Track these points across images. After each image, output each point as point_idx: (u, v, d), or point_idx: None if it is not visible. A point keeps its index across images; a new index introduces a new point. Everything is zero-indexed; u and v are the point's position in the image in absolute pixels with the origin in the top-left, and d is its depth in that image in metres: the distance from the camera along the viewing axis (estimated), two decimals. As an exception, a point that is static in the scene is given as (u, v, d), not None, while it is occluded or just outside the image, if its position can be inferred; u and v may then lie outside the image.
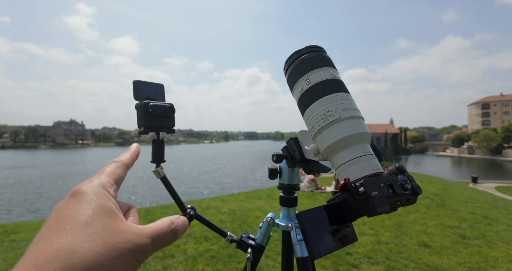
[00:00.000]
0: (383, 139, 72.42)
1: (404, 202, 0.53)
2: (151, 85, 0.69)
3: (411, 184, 0.55)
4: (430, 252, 3.69)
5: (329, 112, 0.58)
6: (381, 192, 0.49)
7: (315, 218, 0.49)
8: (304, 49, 0.65)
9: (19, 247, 3.83)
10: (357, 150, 0.57)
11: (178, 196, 0.70)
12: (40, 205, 14.53)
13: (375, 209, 0.47)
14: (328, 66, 0.63)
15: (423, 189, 5.47)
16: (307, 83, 0.62)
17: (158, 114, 0.66)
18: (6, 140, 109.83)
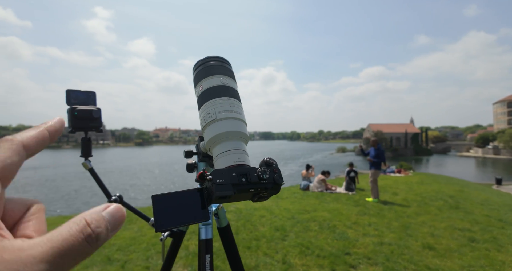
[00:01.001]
0: (403, 139, 70.54)
1: (260, 190, 0.61)
2: (83, 93, 0.83)
3: (272, 175, 0.62)
4: (433, 255, 3.64)
5: (209, 114, 0.69)
6: (228, 180, 0.57)
7: (167, 199, 0.58)
8: (206, 58, 0.76)
9: (34, 241, 4.07)
10: (227, 145, 0.66)
11: (103, 184, 0.84)
12: (61, 203, 15.17)
13: (216, 192, 0.56)
14: (220, 74, 0.73)
15: (438, 190, 5.41)
16: (200, 88, 0.73)
17: (83, 116, 0.79)
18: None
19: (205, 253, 0.75)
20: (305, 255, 3.44)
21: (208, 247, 0.78)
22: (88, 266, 3.10)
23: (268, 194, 0.63)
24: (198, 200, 0.60)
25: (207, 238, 0.80)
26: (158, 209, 0.56)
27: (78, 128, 0.83)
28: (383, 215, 5.50)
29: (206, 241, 0.79)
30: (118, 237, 4.03)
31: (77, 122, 0.82)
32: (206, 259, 0.74)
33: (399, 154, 63.15)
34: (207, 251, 0.77)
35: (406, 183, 10.34)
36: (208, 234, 0.80)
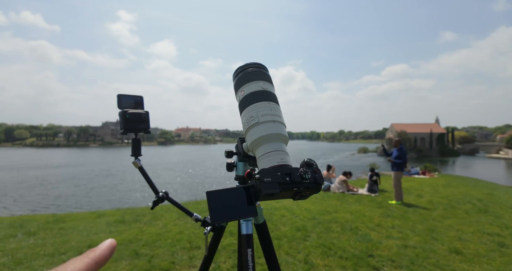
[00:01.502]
0: (428, 140, 68.14)
1: (303, 189, 0.67)
2: (132, 97, 0.91)
3: (313, 175, 0.68)
4: (461, 259, 3.54)
5: (251, 117, 0.76)
6: (274, 179, 0.64)
7: (221, 196, 0.64)
8: (245, 65, 0.84)
9: (66, 234, 4.29)
10: (270, 146, 0.73)
11: (152, 182, 0.91)
12: (87, 199, 15.81)
13: (264, 190, 0.62)
14: (260, 80, 0.81)
15: (466, 193, 5.27)
16: (242, 94, 0.80)
17: (134, 119, 0.87)
18: (60, 139, 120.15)
19: (247, 247, 0.80)
20: (327, 255, 3.45)
21: (249, 242, 0.83)
22: (117, 260, 3.25)
23: (309, 193, 0.68)
24: (246, 196, 0.66)
25: (248, 233, 0.85)
26: (212, 204, 0.62)
27: (129, 130, 0.92)
28: (407, 218, 5.38)
29: (247, 236, 0.84)
30: (145, 232, 4.18)
31: (128, 125, 0.91)
32: (248, 252, 0.79)
33: (424, 155, 61.08)
34: (249, 245, 0.82)
35: (432, 185, 10.04)
36: (249, 229, 0.85)
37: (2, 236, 4.30)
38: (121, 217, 5.16)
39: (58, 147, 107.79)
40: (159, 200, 0.95)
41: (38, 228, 4.64)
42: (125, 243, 3.75)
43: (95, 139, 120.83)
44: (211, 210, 0.62)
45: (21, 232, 4.44)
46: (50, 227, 4.71)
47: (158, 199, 0.95)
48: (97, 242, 3.77)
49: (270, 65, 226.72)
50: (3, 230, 4.68)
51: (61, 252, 3.51)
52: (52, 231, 4.46)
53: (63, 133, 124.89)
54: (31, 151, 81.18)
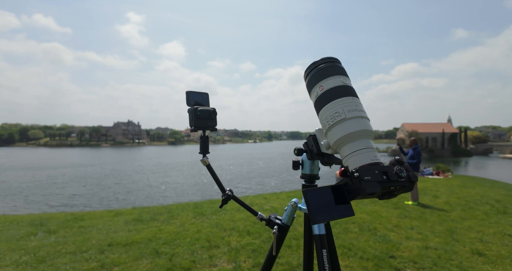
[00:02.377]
0: (440, 139, 66.94)
1: (399, 188, 0.65)
2: (199, 94, 0.91)
3: (407, 173, 0.66)
4: (484, 261, 3.46)
5: (336, 113, 0.72)
6: (374, 177, 0.62)
7: (318, 195, 0.63)
8: (320, 60, 0.80)
9: (86, 232, 4.36)
10: (359, 144, 0.70)
11: (219, 180, 0.90)
12: (104, 197, 16.05)
13: (366, 189, 0.60)
14: (340, 75, 0.77)
15: (483, 194, 5.16)
16: (321, 89, 0.76)
17: (204, 116, 0.88)
18: (73, 139, 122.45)
19: (321, 248, 0.78)
20: (347, 256, 3.41)
21: (323, 242, 0.80)
22: (138, 258, 3.29)
23: (401, 191, 0.67)
24: (342, 195, 0.65)
25: (320, 233, 0.83)
26: (312, 204, 0.61)
27: (199, 127, 0.90)
28: (425, 219, 5.29)
29: (320, 236, 0.82)
30: (163, 231, 4.21)
31: (199, 122, 0.89)
32: (323, 253, 0.77)
33: (436, 155, 60.06)
34: (323, 246, 0.79)
35: (447, 186, 9.86)
36: (321, 230, 0.83)
37: (23, 234, 4.40)
38: (138, 215, 5.21)
39: (71, 146, 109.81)
40: (227, 198, 0.94)
41: (58, 226, 4.72)
42: (145, 242, 3.78)
43: (107, 139, 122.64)
44: (312, 210, 0.61)
45: (41, 230, 4.53)
46: (70, 225, 4.79)
47: (227, 197, 0.94)
48: (117, 241, 3.82)
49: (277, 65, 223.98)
50: (24, 228, 4.78)
51: (82, 250, 3.56)
52: (72, 229, 4.54)
53: (76, 134, 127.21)
54: (45, 151, 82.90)
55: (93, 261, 3.23)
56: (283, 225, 0.98)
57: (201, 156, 0.93)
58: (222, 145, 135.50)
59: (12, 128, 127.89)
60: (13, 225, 5.03)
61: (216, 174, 0.95)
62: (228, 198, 0.94)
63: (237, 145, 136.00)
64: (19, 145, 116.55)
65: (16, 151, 79.42)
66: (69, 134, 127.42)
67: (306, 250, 0.94)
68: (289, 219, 1.00)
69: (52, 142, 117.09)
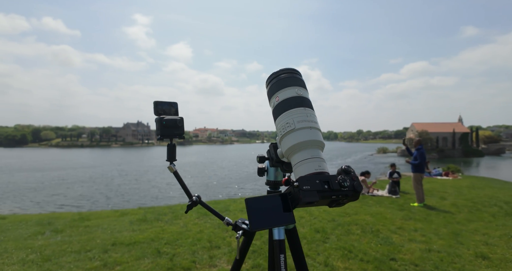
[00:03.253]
0: (451, 139, 65.81)
1: (342, 197, 0.67)
2: (167, 103, 0.96)
3: (352, 182, 0.68)
4: (487, 265, 3.41)
5: (287, 123, 0.76)
6: (313, 187, 0.64)
7: (259, 203, 0.64)
8: (280, 71, 0.84)
9: (91, 231, 4.45)
10: (306, 153, 0.73)
11: (186, 186, 0.94)
12: (111, 197, 16.28)
13: (303, 198, 0.63)
14: (295, 86, 0.80)
15: (492, 196, 5.08)
16: (277, 99, 0.80)
17: (170, 125, 0.92)
18: (84, 140, 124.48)
19: (279, 253, 0.81)
20: (347, 258, 3.41)
21: (282, 247, 0.83)
22: (140, 258, 3.34)
23: (346, 200, 0.69)
24: (284, 203, 0.67)
25: (280, 238, 0.85)
26: (251, 211, 0.64)
27: (165, 136, 0.95)
28: (430, 221, 5.24)
29: (280, 241, 0.84)
30: (166, 231, 4.27)
31: (165, 131, 0.94)
32: (280, 258, 0.79)
33: (446, 156, 59.08)
34: (281, 251, 0.82)
35: (455, 187, 9.71)
36: (281, 235, 0.86)
37: (31, 233, 4.50)
38: (143, 215, 5.29)
39: (82, 147, 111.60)
40: (192, 204, 0.97)
41: (64, 226, 4.83)
42: (148, 242, 3.84)
43: (117, 139, 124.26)
44: (251, 217, 0.63)
45: (48, 230, 4.64)
46: (76, 224, 4.89)
47: (192, 203, 0.97)
48: (120, 240, 3.89)
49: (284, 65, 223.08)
50: (32, 227, 4.90)
51: (86, 249, 3.63)
52: (78, 229, 4.63)
53: (86, 134, 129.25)
54: (57, 151, 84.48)
55: (96, 260, 3.30)
56: (249, 230, 1.00)
57: (168, 163, 0.97)
58: (230, 145, 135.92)
59: (25, 130, 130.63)
60: (22, 224, 5.15)
61: (183, 181, 0.98)
62: (194, 204, 0.97)
63: (245, 145, 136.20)
64: (32, 145, 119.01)
65: (28, 152, 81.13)
66: (80, 135, 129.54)
67: (270, 255, 0.97)
68: None
69: (64, 143, 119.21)
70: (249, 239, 0.99)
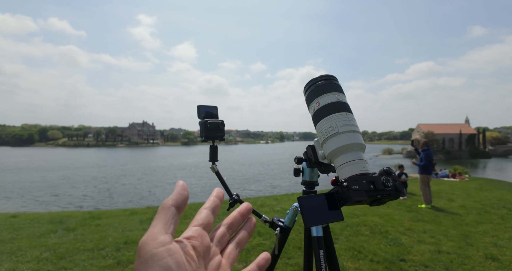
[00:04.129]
0: (457, 141, 65.24)
1: (385, 196, 0.72)
2: (209, 107, 1.00)
3: (394, 183, 0.73)
4: (497, 266, 3.41)
5: (330, 127, 0.80)
6: (361, 186, 0.69)
7: (311, 201, 0.70)
8: (318, 78, 0.89)
9: (103, 230, 4.52)
10: (350, 156, 0.77)
11: (227, 185, 0.99)
12: (120, 197, 16.43)
13: (353, 197, 0.67)
14: (335, 92, 0.85)
15: (500, 198, 5.06)
16: (317, 105, 0.85)
17: (213, 128, 0.98)
18: (90, 139, 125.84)
19: (319, 249, 0.85)
20: (357, 259, 3.43)
21: (320, 243, 0.88)
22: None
23: (388, 199, 0.74)
24: (333, 202, 0.71)
25: (318, 235, 0.90)
26: (305, 209, 0.68)
27: (208, 138, 1.00)
28: (439, 222, 5.23)
29: (318, 238, 0.89)
30: (177, 230, 4.31)
31: (208, 133, 0.99)
32: (320, 254, 0.84)
33: (453, 157, 58.55)
34: (320, 246, 0.87)
35: (463, 189, 9.66)
36: (319, 232, 0.90)
37: (44, 231, 4.59)
38: (152, 215, 5.35)
39: (88, 146, 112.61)
40: (234, 202, 1.02)
41: (76, 224, 4.91)
42: (159, 241, 3.89)
43: (122, 139, 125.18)
44: (305, 214, 0.68)
45: (61, 228, 4.72)
46: (88, 223, 4.97)
47: (234, 201, 1.02)
48: (132, 239, 3.95)
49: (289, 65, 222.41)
50: (44, 225, 4.98)
51: (100, 248, 3.70)
52: (89, 227, 4.71)
53: (92, 134, 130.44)
54: (63, 151, 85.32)
55: (110, 258, 3.36)
56: (285, 227, 1.04)
57: (211, 164, 1.01)
58: (235, 145, 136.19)
59: (32, 129, 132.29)
60: (34, 222, 5.24)
61: (224, 180, 1.03)
62: (235, 202, 1.02)
63: (249, 145, 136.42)
64: (38, 145, 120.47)
65: (35, 151, 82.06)
66: (86, 135, 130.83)
67: (306, 251, 1.01)
68: (290, 222, 1.07)
69: (70, 142, 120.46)
70: (285, 236, 1.04)
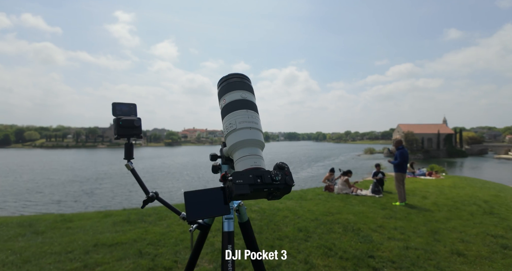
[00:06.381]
0: (435, 140, 67.37)
1: (273, 190, 0.76)
2: (126, 105, 0.99)
3: (284, 177, 0.77)
4: (462, 261, 3.54)
5: (230, 124, 0.85)
6: (246, 180, 0.72)
7: (197, 196, 0.71)
8: (229, 75, 0.93)
9: (73, 233, 4.39)
10: (245, 151, 0.82)
11: (143, 182, 1.00)
12: (97, 199, 16.06)
13: (235, 191, 0.70)
14: (241, 90, 0.89)
15: (472, 195, 5.25)
16: (224, 102, 0.89)
17: (127, 125, 0.96)
18: (69, 140, 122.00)
19: (228, 243, 0.88)
20: (327, 256, 3.48)
21: (231, 238, 0.90)
22: (121, 259, 3.33)
23: (280, 193, 0.77)
24: (221, 197, 0.74)
25: (229, 230, 0.92)
26: (189, 203, 0.71)
27: (122, 135, 1.02)
28: (410, 219, 5.38)
29: (229, 233, 0.91)
30: (149, 232, 4.26)
31: (122, 130, 1.01)
32: (228, 248, 0.86)
33: (431, 156, 60.44)
34: (230, 241, 0.89)
35: (437, 187, 9.97)
36: (230, 227, 0.93)
37: (12, 235, 4.42)
38: (127, 216, 5.25)
39: (67, 147, 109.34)
40: (149, 200, 1.02)
41: (46, 227, 4.75)
42: (130, 242, 3.83)
43: (103, 140, 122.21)
44: (187, 208, 0.70)
45: (29, 231, 4.56)
46: (58, 226, 4.83)
47: (148, 198, 1.02)
48: (102, 241, 3.86)
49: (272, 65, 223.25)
50: (13, 229, 4.80)
51: (67, 251, 3.60)
52: (59, 230, 4.57)
53: (72, 135, 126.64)
54: (41, 152, 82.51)
55: (77, 261, 3.28)
56: (203, 224, 1.05)
57: (125, 161, 1.01)
58: (219, 146, 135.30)
59: (8, 130, 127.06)
60: (2, 226, 5.04)
61: (140, 178, 1.03)
62: (150, 199, 1.03)
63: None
64: (15, 146, 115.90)
65: (11, 153, 78.97)
66: (65, 136, 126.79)
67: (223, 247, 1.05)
68: (210, 219, 1.09)
69: (48, 143, 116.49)
70: (204, 233, 1.04)
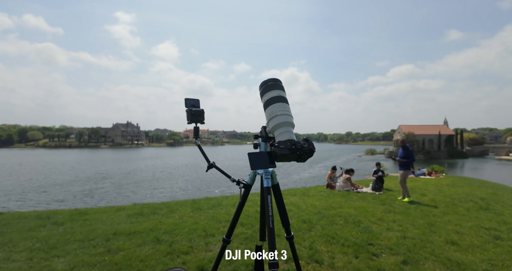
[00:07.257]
0: (436, 141, 67.60)
1: (302, 153, 1.13)
2: (193, 100, 1.38)
3: (309, 146, 1.15)
4: (455, 249, 3.81)
5: (272, 112, 1.26)
6: (286, 146, 1.10)
7: (256, 155, 1.07)
8: (268, 80, 1.34)
9: (91, 224, 4.69)
10: (283, 129, 1.21)
11: (205, 154, 1.36)
12: (106, 197, 16.40)
13: (279, 152, 1.08)
14: (277, 89, 1.31)
15: (469, 193, 5.59)
16: (266, 98, 1.31)
17: (197, 114, 1.35)
18: (72, 140, 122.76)
19: (267, 194, 1.19)
20: (330, 244, 3.77)
21: (269, 191, 1.23)
22: (141, 245, 3.63)
23: (306, 156, 1.15)
24: (270, 157, 1.09)
25: (268, 185, 1.24)
26: (251, 159, 1.05)
27: (194, 121, 1.46)
28: (408, 213, 5.66)
29: (267, 188, 1.23)
30: (163, 223, 4.56)
31: (193, 118, 1.46)
32: (268, 199, 1.18)
33: (432, 157, 60.63)
34: (268, 193, 1.21)
35: (436, 185, 10.24)
36: (268, 183, 1.25)
37: (33, 226, 4.72)
38: (140, 210, 5.55)
39: (70, 147, 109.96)
40: (210, 166, 1.36)
41: (64, 219, 5.05)
42: (147, 231, 4.13)
43: (106, 140, 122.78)
44: (251, 161, 1.05)
45: (49, 223, 4.86)
46: (76, 218, 5.13)
47: (210, 165, 1.37)
48: (121, 231, 4.16)
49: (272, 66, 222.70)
50: (32, 221, 5.10)
51: (89, 238, 3.90)
52: (78, 222, 4.87)
53: (74, 135, 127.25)
54: (44, 152, 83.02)
55: (100, 247, 3.58)
56: (247, 184, 1.38)
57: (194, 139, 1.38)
58: (221, 146, 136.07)
59: (11, 130, 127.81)
60: (21, 218, 5.34)
61: (203, 150, 1.38)
62: (211, 166, 1.37)
63: (236, 146, 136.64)
64: (18, 146, 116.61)
65: (15, 152, 79.57)
66: (68, 136, 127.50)
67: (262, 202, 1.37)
68: (251, 181, 1.43)
69: (51, 143, 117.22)
70: (247, 190, 1.37)
